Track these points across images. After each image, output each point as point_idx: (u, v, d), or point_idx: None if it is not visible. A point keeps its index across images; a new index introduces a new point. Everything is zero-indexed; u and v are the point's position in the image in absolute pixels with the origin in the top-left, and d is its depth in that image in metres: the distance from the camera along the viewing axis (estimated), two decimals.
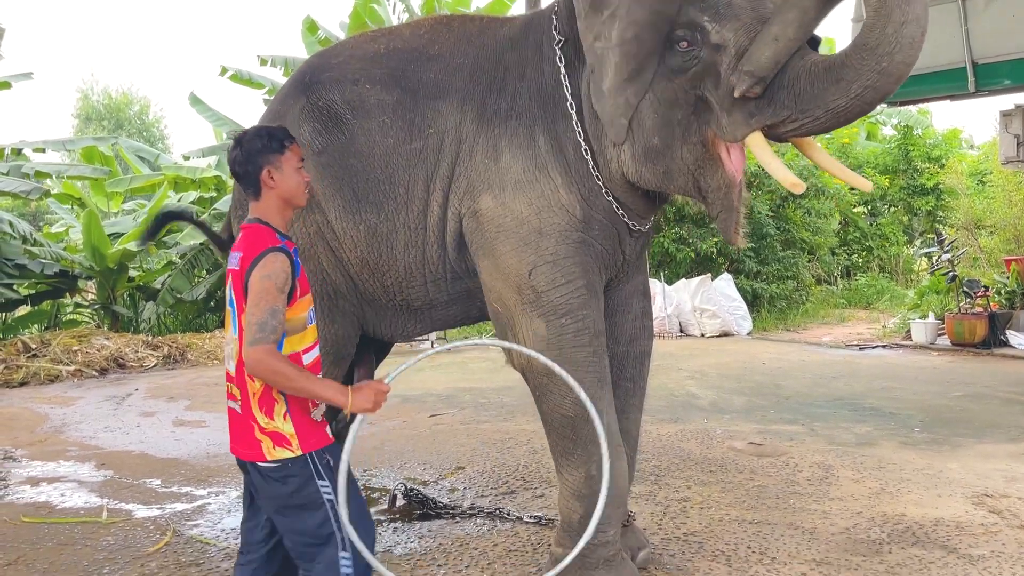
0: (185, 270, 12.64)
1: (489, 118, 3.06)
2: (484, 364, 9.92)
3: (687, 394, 7.60)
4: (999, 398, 7.12)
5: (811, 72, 2.49)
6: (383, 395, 2.34)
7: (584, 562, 3.05)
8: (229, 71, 13.18)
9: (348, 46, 3.52)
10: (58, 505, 4.73)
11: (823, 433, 5.89)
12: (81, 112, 34.56)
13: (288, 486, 2.31)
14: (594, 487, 2.99)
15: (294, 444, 2.31)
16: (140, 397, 8.40)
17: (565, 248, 2.97)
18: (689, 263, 13.64)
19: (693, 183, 2.83)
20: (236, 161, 2.42)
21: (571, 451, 3.05)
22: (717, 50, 2.60)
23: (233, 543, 3.97)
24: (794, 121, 2.57)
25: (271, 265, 2.26)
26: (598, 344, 3.02)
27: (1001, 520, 3.98)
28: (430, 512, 4.25)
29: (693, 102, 2.70)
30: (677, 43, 2.64)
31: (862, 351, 10.56)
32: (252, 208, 2.46)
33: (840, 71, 2.44)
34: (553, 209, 2.97)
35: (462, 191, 3.07)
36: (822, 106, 2.49)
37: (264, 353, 2.19)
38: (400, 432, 6.23)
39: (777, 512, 4.14)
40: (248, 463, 2.37)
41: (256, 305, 2.23)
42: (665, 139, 2.76)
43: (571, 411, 2.97)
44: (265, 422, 2.31)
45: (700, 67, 2.64)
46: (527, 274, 2.96)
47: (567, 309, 2.95)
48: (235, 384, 2.38)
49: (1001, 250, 13.12)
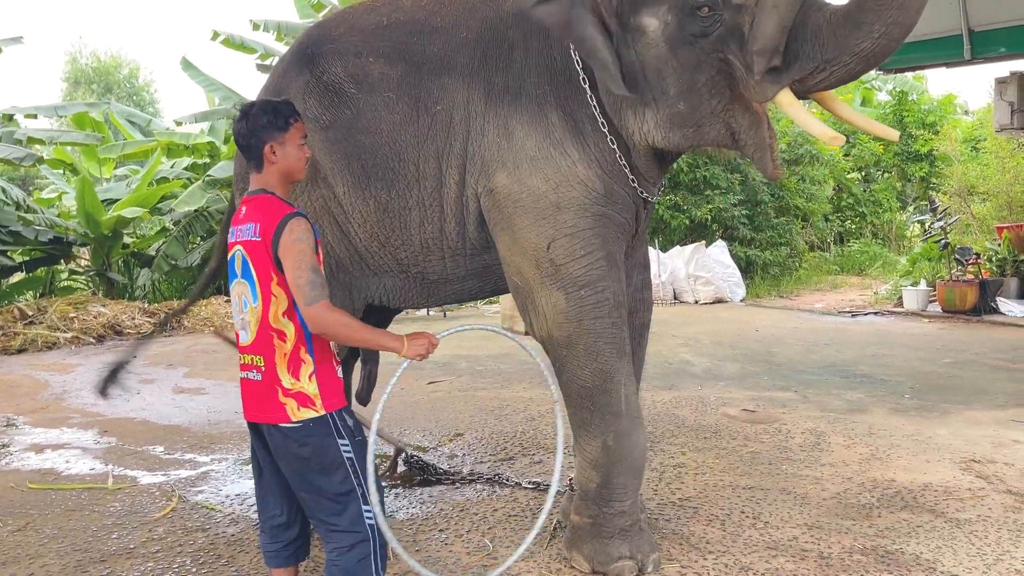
0: (180, 237, 12.62)
1: (498, 96, 3.05)
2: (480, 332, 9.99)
3: (681, 361, 7.70)
4: (988, 365, 7.24)
5: (831, 22, 2.54)
6: (433, 346, 2.57)
7: (601, 531, 3.12)
8: (221, 35, 13.02)
9: (348, 17, 3.47)
10: (63, 472, 4.81)
11: (815, 400, 6.00)
12: (70, 76, 34.08)
13: (309, 446, 2.40)
14: (611, 457, 3.06)
15: (318, 404, 2.40)
16: (138, 364, 8.44)
17: (584, 221, 2.99)
18: (683, 230, 13.70)
19: (726, 130, 2.85)
20: (240, 133, 2.47)
21: (588, 421, 3.08)
22: (739, 11, 2.64)
23: (238, 509, 4.05)
24: (822, 71, 2.61)
25: (298, 229, 2.35)
26: (618, 316, 3.05)
27: (988, 485, 4.08)
28: (430, 478, 4.34)
29: (717, 64, 2.73)
30: (697, 9, 2.67)
31: (854, 318, 10.67)
32: (255, 179, 2.51)
33: (859, 14, 2.49)
34: (571, 183, 2.98)
35: (477, 170, 3.07)
36: (848, 51, 2.54)
37: (325, 309, 2.31)
38: (399, 399, 6.31)
39: (770, 478, 4.24)
40: (269, 426, 2.43)
41: (299, 267, 2.32)
42: (691, 103, 2.80)
43: (589, 382, 3.02)
44: (291, 383, 2.39)
45: (723, 29, 2.67)
46: (545, 247, 2.98)
47: (586, 281, 2.97)
48: (254, 352, 2.43)
49: (993, 217, 13.21)
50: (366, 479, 2.46)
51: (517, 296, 3.18)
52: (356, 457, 2.45)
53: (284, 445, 2.42)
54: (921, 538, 3.45)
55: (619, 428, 3.05)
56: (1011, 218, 12.72)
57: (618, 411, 3.03)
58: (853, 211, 18.00)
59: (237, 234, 2.47)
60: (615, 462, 3.07)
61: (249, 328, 2.44)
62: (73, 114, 14.04)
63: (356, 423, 2.52)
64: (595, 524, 3.14)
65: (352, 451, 2.44)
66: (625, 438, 3.07)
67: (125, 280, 13.21)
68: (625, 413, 3.06)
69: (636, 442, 3.11)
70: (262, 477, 2.60)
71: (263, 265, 2.38)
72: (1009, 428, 5.13)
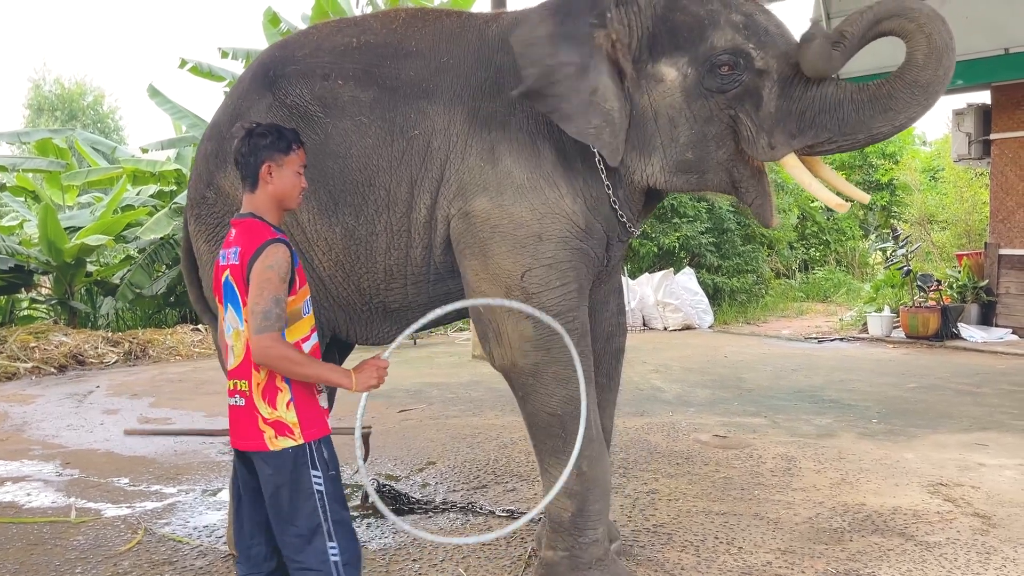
0: (145, 265, 12.44)
1: (483, 122, 3.02)
2: (451, 359, 9.96)
3: (652, 387, 7.73)
4: (952, 389, 7.36)
5: (855, 101, 2.73)
6: (383, 370, 2.42)
7: (576, 563, 3.08)
8: (189, 63, 12.97)
9: (313, 37, 3.37)
10: (25, 505, 4.68)
11: (785, 425, 6.04)
12: (33, 102, 33.66)
13: (283, 474, 2.36)
14: (586, 483, 3.03)
15: (296, 433, 2.37)
16: (102, 394, 8.29)
17: (564, 253, 2.99)
18: (652, 257, 13.81)
19: (728, 178, 2.97)
20: (241, 151, 2.46)
21: (560, 449, 3.02)
22: (760, 75, 2.79)
23: (206, 541, 3.97)
24: (833, 142, 2.81)
25: (273, 255, 2.32)
26: (585, 345, 3.05)
27: (956, 508, 4.14)
28: (403, 507, 4.28)
29: (727, 120, 2.85)
30: (718, 67, 2.78)
31: (820, 344, 10.80)
32: (246, 201, 2.50)
33: (888, 102, 2.69)
34: (556, 215, 2.97)
35: (452, 193, 3.03)
36: (865, 131, 2.76)
37: (270, 340, 2.26)
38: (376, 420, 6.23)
39: (742, 503, 4.26)
40: (250, 453, 2.41)
41: (259, 294, 2.29)
42: (699, 152, 2.91)
43: (560, 409, 3.00)
44: (268, 412, 2.36)
45: (740, 89, 2.80)
46: (519, 275, 2.96)
47: (558, 311, 2.95)
48: (239, 377, 2.41)
49: (953, 245, 13.52)
50: (338, 516, 2.41)
51: (478, 323, 3.14)
52: (327, 492, 2.39)
53: (263, 470, 2.39)
54: (892, 561, 3.48)
55: (592, 453, 3.03)
56: (970, 246, 13.02)
57: (590, 436, 3.01)
58: (817, 239, 18.31)
59: (226, 257, 2.46)
60: (590, 488, 3.05)
61: (235, 352, 2.42)
62: (36, 140, 13.84)
63: (332, 456, 2.47)
64: (572, 556, 3.08)
65: (323, 485, 2.39)
66: (597, 463, 3.07)
67: (88, 309, 12.96)
68: (596, 438, 3.06)
69: (606, 467, 3.12)
70: (241, 505, 2.55)
71: (243, 289, 2.37)
72: (974, 451, 5.21)
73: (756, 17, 2.84)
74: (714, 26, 2.79)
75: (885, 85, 2.71)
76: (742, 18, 2.81)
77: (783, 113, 2.79)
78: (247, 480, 2.50)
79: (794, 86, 2.79)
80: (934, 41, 2.62)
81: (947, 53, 2.64)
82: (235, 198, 3.23)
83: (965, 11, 8.94)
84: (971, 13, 9.11)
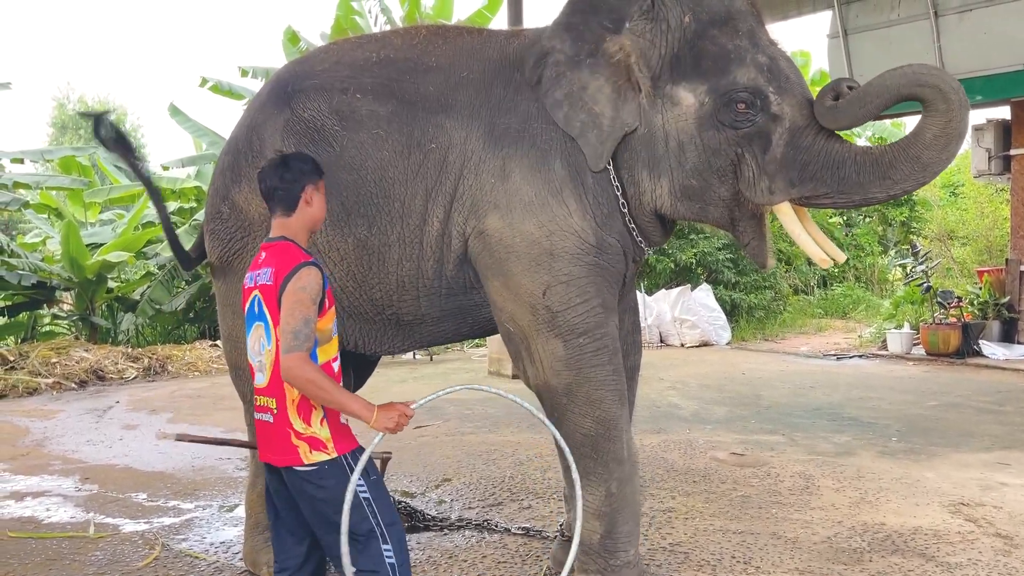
0: (165, 281, 12.55)
1: (498, 137, 3.02)
2: (467, 375, 9.96)
3: (669, 404, 7.69)
4: (973, 407, 7.27)
5: (857, 162, 2.77)
6: (406, 419, 2.46)
7: None
8: (209, 82, 13.15)
9: (332, 53, 3.40)
10: (44, 520, 4.71)
11: (803, 443, 5.99)
12: (57, 121, 34.18)
13: (326, 488, 2.41)
14: (615, 504, 3.02)
15: (330, 447, 2.43)
16: (121, 410, 8.35)
17: (578, 269, 2.99)
18: (668, 273, 13.78)
19: (728, 215, 3.01)
20: (282, 177, 2.52)
21: (591, 469, 3.01)
22: (774, 120, 2.82)
23: (222, 557, 3.99)
24: (829, 197, 2.85)
25: (306, 278, 2.39)
26: (617, 362, 3.05)
27: (977, 528, 4.08)
28: (418, 524, 4.28)
29: (733, 156, 2.88)
30: (735, 103, 2.81)
31: (839, 361, 10.72)
32: (277, 225, 2.56)
33: (888, 171, 2.73)
34: (564, 232, 2.98)
35: (466, 209, 3.03)
36: (862, 193, 2.80)
37: (298, 360, 2.30)
38: (385, 444, 6.21)
39: (760, 522, 4.22)
40: (283, 468, 2.45)
41: (291, 314, 2.34)
42: (703, 182, 2.94)
43: (593, 430, 2.99)
44: (302, 427, 2.42)
45: (752, 129, 2.83)
46: (541, 294, 2.96)
47: (584, 328, 2.96)
48: (267, 395, 2.47)
49: (973, 261, 13.39)
50: (389, 518, 2.47)
51: (510, 343, 3.14)
52: (373, 496, 2.45)
53: (301, 487, 2.44)
54: None
55: (622, 474, 3.03)
56: (991, 262, 12.89)
57: (621, 457, 3.01)
58: None
59: (255, 279, 2.52)
60: (620, 509, 3.04)
61: (265, 370, 2.48)
62: (60, 158, 14.04)
63: (371, 462, 2.51)
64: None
65: (368, 491, 2.45)
66: (627, 484, 3.06)
67: (108, 324, 13.09)
68: (627, 459, 3.05)
69: (636, 487, 3.11)
70: (279, 518, 2.60)
71: (274, 309, 2.42)
72: (996, 471, 5.15)
73: (780, 63, 2.88)
74: (740, 62, 2.82)
75: (889, 153, 2.75)
76: (767, 60, 2.84)
77: (788, 161, 2.82)
78: (280, 494, 2.56)
79: (803, 136, 2.82)
80: (950, 127, 2.64)
81: (956, 140, 2.67)
82: (248, 213, 3.26)
83: (985, 27, 8.91)
84: (991, 29, 9.07)
